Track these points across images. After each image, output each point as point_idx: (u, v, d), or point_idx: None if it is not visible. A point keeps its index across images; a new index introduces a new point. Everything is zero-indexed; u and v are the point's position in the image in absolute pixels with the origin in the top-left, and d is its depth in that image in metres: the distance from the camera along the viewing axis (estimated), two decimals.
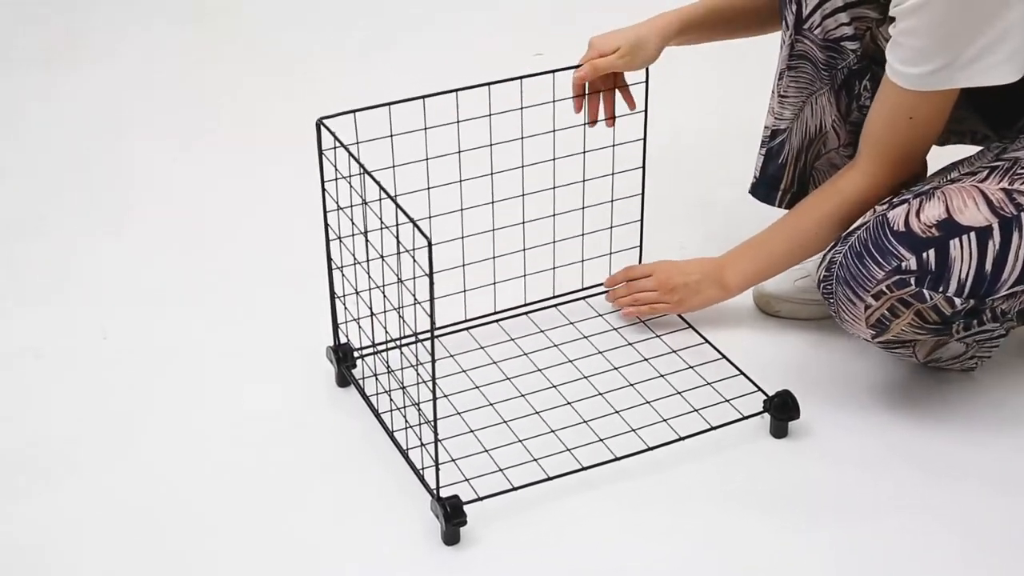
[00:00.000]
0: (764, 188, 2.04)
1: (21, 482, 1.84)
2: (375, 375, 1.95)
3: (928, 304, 1.72)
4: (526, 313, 2.10)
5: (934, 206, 1.74)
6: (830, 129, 1.96)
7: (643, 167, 2.08)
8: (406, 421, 1.86)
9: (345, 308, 1.97)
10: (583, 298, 2.13)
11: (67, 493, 1.81)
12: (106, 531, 1.75)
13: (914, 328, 1.77)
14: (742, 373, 1.96)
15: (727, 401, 1.92)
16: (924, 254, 1.71)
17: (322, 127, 1.79)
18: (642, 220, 2.13)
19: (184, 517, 1.77)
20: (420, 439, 1.79)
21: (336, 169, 1.83)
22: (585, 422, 1.88)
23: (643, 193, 2.11)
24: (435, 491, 1.72)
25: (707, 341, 2.04)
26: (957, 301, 1.73)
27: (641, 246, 2.15)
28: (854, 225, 1.81)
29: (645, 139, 2.06)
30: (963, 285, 1.72)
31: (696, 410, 1.90)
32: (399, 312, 1.78)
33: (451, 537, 1.72)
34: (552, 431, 1.86)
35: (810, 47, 1.89)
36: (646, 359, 2.01)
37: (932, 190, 1.76)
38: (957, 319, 1.77)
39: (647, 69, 2.00)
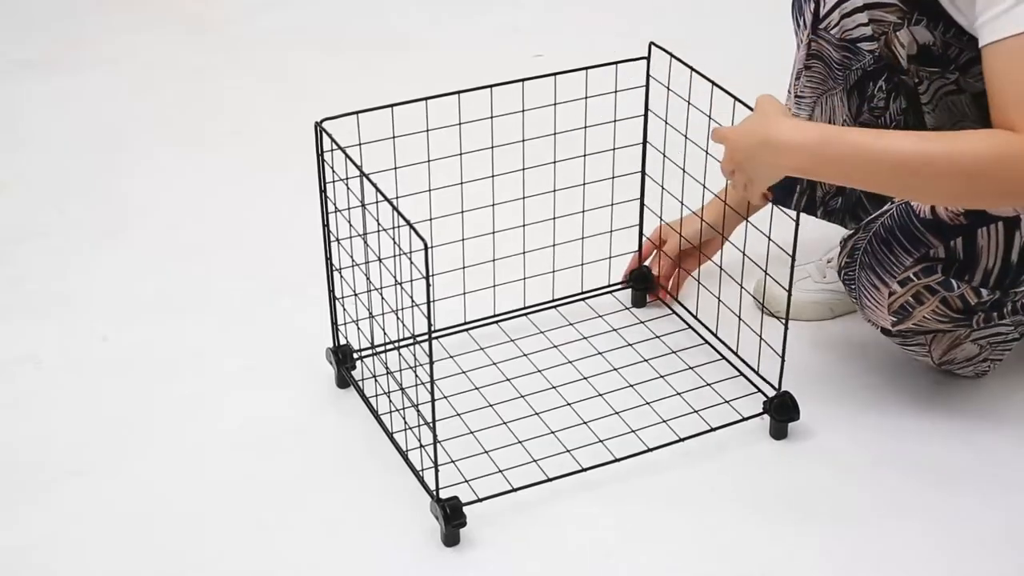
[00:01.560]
0: (780, 190, 2.01)
1: (20, 489, 1.84)
2: (374, 377, 1.96)
3: (955, 293, 1.72)
4: (525, 314, 2.10)
5: None
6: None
7: (642, 171, 2.08)
8: (405, 423, 1.86)
9: (344, 310, 1.97)
10: (583, 299, 2.14)
11: (68, 499, 1.82)
12: (109, 535, 1.76)
13: (937, 316, 1.76)
14: (742, 374, 1.97)
15: (727, 402, 1.92)
16: (952, 242, 1.71)
17: (321, 130, 1.80)
18: (641, 224, 2.14)
19: (184, 519, 1.78)
20: (420, 440, 1.79)
21: (334, 172, 1.83)
22: (585, 423, 1.88)
23: (642, 197, 2.11)
24: (435, 492, 1.72)
25: (707, 342, 2.04)
26: (983, 292, 1.73)
27: (640, 249, 2.15)
28: (875, 213, 1.79)
29: (644, 143, 2.06)
30: (989, 275, 1.72)
31: (696, 411, 1.90)
32: (397, 314, 1.78)
33: (451, 538, 1.72)
34: (552, 432, 1.86)
35: (825, 47, 1.87)
36: (646, 360, 2.01)
37: None
38: (980, 310, 1.77)
39: (647, 72, 2.00)
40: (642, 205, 2.12)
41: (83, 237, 2.39)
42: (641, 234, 2.14)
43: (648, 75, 2.00)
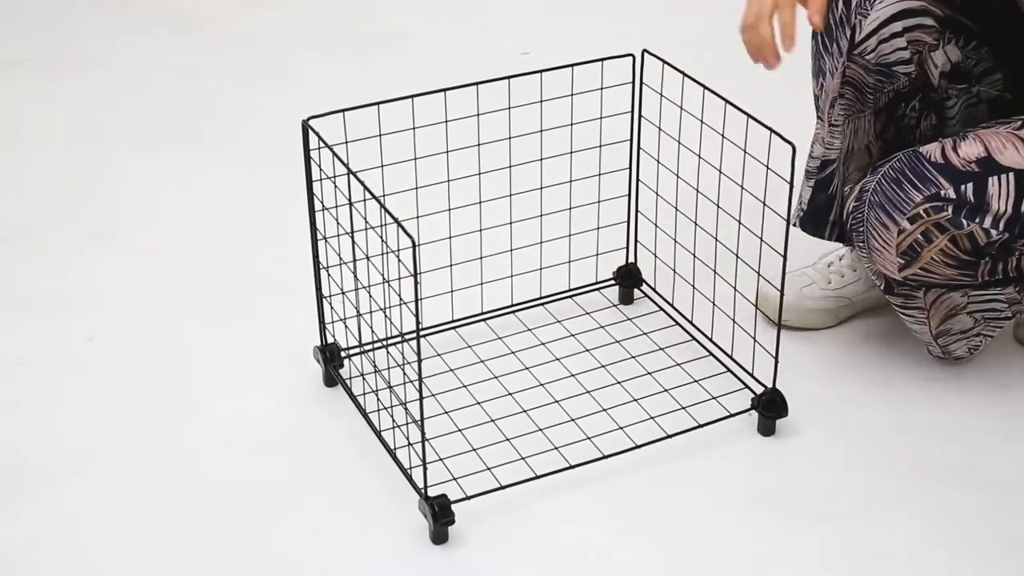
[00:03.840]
0: (813, 221, 2.00)
1: (14, 488, 1.84)
2: (362, 375, 1.96)
3: (964, 231, 1.72)
4: (513, 312, 2.10)
5: (972, 144, 1.75)
6: (863, 149, 1.95)
7: (630, 168, 2.08)
8: (393, 421, 1.86)
9: (332, 308, 1.97)
10: (570, 296, 2.14)
11: (58, 501, 1.81)
12: (102, 535, 1.75)
13: (945, 258, 1.76)
14: (729, 371, 1.97)
15: (715, 399, 1.92)
16: (962, 186, 1.73)
17: (308, 128, 1.80)
18: (629, 221, 2.14)
19: (173, 518, 1.77)
20: (407, 439, 1.79)
21: (321, 170, 1.83)
22: (573, 420, 1.89)
23: (631, 194, 2.11)
24: (423, 490, 1.72)
25: (695, 339, 2.04)
26: (992, 232, 1.74)
27: (628, 247, 2.15)
28: (884, 160, 1.80)
29: (632, 139, 2.06)
30: (999, 219, 1.73)
31: (684, 408, 1.90)
32: (385, 312, 1.78)
33: (439, 536, 1.72)
34: (540, 429, 1.86)
35: (859, 72, 1.87)
36: (633, 357, 2.01)
37: (964, 133, 1.77)
38: (990, 251, 1.77)
39: (634, 69, 2.00)
40: (630, 203, 2.12)
41: (73, 237, 2.39)
42: (629, 231, 2.14)
43: (638, 75, 2.00)
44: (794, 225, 2.02)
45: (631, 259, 2.17)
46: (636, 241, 2.15)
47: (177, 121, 2.79)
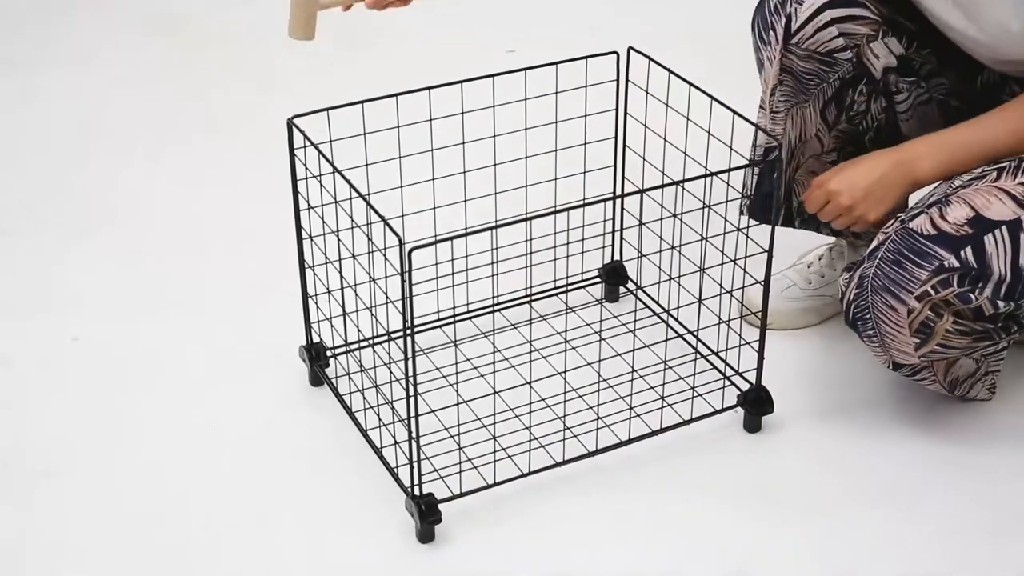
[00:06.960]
0: (760, 207, 2.00)
1: None
2: (348, 374, 1.95)
3: (971, 305, 1.69)
4: (499, 310, 2.10)
5: (958, 208, 1.71)
6: (812, 137, 1.94)
7: (615, 165, 2.08)
8: (379, 420, 1.86)
9: (318, 307, 1.97)
10: (556, 294, 2.14)
11: (40, 503, 1.81)
12: (84, 535, 1.75)
13: (958, 328, 1.72)
14: (715, 368, 1.97)
15: (701, 396, 1.92)
16: (962, 252, 1.68)
17: (293, 126, 1.79)
18: (614, 218, 2.14)
19: (156, 517, 1.77)
20: (394, 437, 1.79)
21: (307, 168, 1.83)
22: (559, 418, 1.89)
23: (616, 191, 2.11)
24: (410, 489, 1.72)
25: (681, 336, 2.04)
26: (1000, 303, 1.70)
27: (613, 244, 2.15)
28: (876, 242, 1.75)
29: (617, 137, 2.06)
30: (1001, 282, 1.69)
31: (670, 405, 1.90)
32: (371, 311, 1.78)
33: (426, 535, 1.72)
34: (526, 427, 1.86)
35: (796, 62, 1.87)
36: (619, 354, 2.01)
37: (946, 197, 1.73)
38: (999, 320, 1.73)
39: (618, 67, 2.00)
40: (618, 202, 2.12)
41: (57, 236, 2.38)
42: (613, 230, 2.14)
43: (623, 73, 2.00)
44: (741, 213, 2.02)
45: (616, 256, 2.17)
46: (622, 238, 2.15)
47: (162, 120, 2.78)
